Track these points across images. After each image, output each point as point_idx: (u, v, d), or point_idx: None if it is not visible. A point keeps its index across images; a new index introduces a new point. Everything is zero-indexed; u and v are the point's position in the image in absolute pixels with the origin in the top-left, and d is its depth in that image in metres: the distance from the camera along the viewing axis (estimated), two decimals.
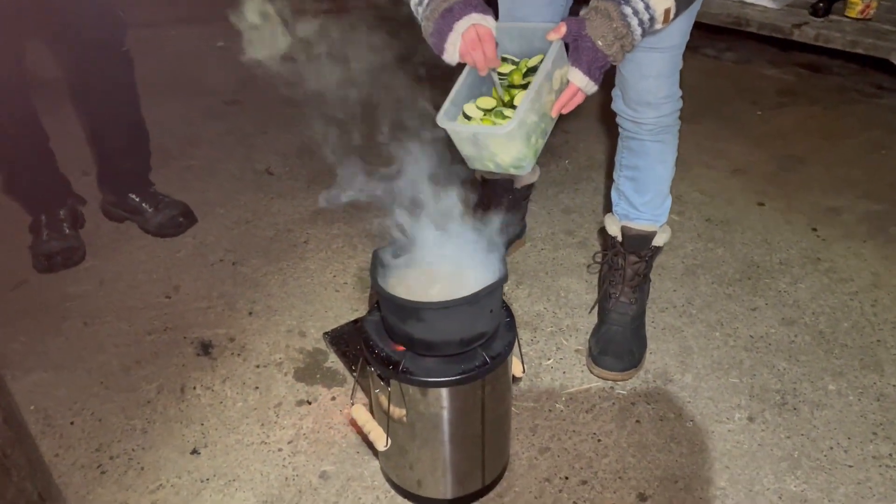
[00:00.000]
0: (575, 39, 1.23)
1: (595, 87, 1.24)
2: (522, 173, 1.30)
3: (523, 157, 1.26)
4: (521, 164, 1.27)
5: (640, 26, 1.20)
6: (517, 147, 1.23)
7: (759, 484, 1.45)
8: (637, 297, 1.73)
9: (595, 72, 1.22)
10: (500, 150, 1.25)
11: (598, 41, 1.20)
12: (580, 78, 1.23)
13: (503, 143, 1.21)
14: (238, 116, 2.85)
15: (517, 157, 1.26)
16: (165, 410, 1.65)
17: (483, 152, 1.28)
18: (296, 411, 1.63)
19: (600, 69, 1.23)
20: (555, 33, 1.24)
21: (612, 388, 1.67)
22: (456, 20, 1.26)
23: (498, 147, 1.24)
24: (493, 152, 1.27)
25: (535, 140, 1.26)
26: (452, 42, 1.27)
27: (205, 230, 2.23)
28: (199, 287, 2.00)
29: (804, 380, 1.67)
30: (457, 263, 1.34)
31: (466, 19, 1.25)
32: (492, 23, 1.28)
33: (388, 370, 1.25)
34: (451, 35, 1.27)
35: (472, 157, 1.33)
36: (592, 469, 1.49)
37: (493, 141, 1.23)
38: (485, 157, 1.30)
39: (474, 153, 1.30)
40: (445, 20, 1.26)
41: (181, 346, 1.82)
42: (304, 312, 1.91)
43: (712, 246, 2.08)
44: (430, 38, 1.30)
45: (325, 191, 1.61)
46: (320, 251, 2.13)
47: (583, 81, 1.23)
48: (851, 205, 2.22)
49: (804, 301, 1.89)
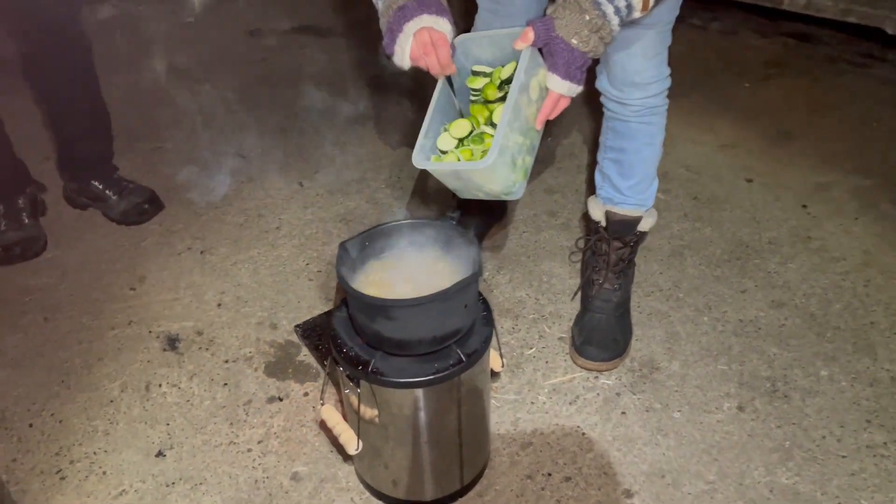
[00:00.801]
0: (546, 43, 1.13)
1: (579, 88, 1.15)
2: (516, 198, 1.20)
3: (512, 183, 1.16)
4: (511, 189, 1.18)
5: (617, 14, 1.10)
6: (503, 175, 1.13)
7: (750, 477, 1.40)
8: (621, 284, 1.66)
9: (575, 73, 1.13)
10: (486, 180, 1.15)
11: (573, 39, 1.10)
12: (559, 84, 1.13)
13: (487, 174, 1.11)
14: (207, 96, 2.74)
15: (506, 185, 1.16)
16: (129, 410, 1.57)
17: (469, 184, 1.18)
18: (266, 409, 1.56)
19: (580, 69, 1.13)
20: (522, 41, 1.14)
21: (596, 377, 1.60)
22: (407, 20, 1.15)
23: (483, 178, 1.14)
24: (479, 184, 1.17)
25: (522, 161, 1.17)
26: (401, 44, 1.17)
27: (172, 217, 2.13)
28: (166, 278, 1.92)
29: (795, 365, 1.61)
30: (429, 255, 1.25)
31: (417, 20, 1.15)
32: (445, 26, 1.17)
33: (358, 370, 1.17)
34: (401, 36, 1.17)
35: (458, 189, 1.23)
36: (576, 465, 1.43)
37: (476, 174, 1.13)
38: (472, 188, 1.20)
39: (460, 186, 1.21)
40: (397, 19, 1.16)
41: (146, 340, 1.73)
42: (275, 303, 1.82)
43: (699, 225, 2.01)
44: (384, 39, 1.20)
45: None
46: (293, 238, 2.04)
47: (563, 87, 1.14)
48: (842, 180, 2.15)
49: (794, 282, 1.82)
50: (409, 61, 1.19)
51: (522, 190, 1.20)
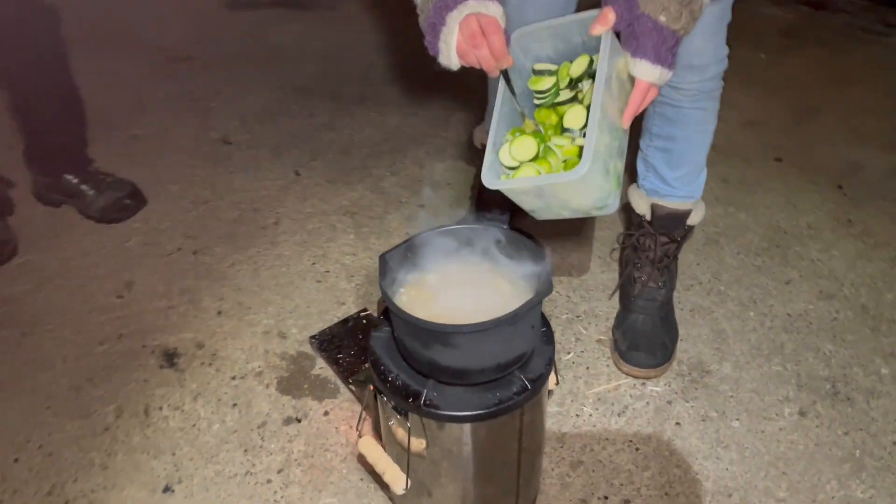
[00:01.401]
0: (629, 24, 0.96)
1: (670, 73, 0.99)
2: (609, 212, 1.03)
3: (607, 195, 0.99)
4: (606, 202, 1.00)
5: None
6: (597, 185, 0.95)
7: (823, 492, 1.29)
8: (665, 281, 1.52)
9: (666, 56, 0.97)
10: (575, 195, 0.98)
11: (660, 16, 0.94)
12: (648, 70, 0.97)
13: (579, 187, 0.93)
14: (188, 76, 2.52)
15: (598, 197, 0.99)
16: (128, 439, 1.39)
17: (552, 202, 1.01)
18: (284, 432, 1.40)
19: (671, 51, 0.97)
20: (600, 23, 0.97)
21: (643, 384, 1.47)
22: (449, 10, 0.98)
23: (571, 193, 0.97)
24: (566, 200, 1.00)
25: (613, 167, 1.00)
26: (446, 39, 1.00)
27: (157, 213, 1.94)
28: (156, 283, 1.73)
29: (854, 363, 1.50)
30: (483, 267, 1.10)
31: (461, 8, 0.98)
32: (496, 9, 1.00)
33: (408, 403, 1.02)
34: (444, 30, 0.99)
35: (538, 209, 1.05)
36: (634, 485, 1.30)
37: (563, 188, 0.95)
38: (555, 207, 1.03)
39: (540, 205, 1.03)
40: (437, 11, 0.99)
41: (141, 356, 1.55)
42: (281, 309, 1.65)
43: (733, 210, 1.88)
44: (426, 38, 1.03)
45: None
46: (294, 233, 1.86)
47: (653, 73, 0.98)
48: (874, 158, 2.04)
49: (840, 271, 1.71)
50: (456, 59, 1.02)
51: (617, 202, 1.03)
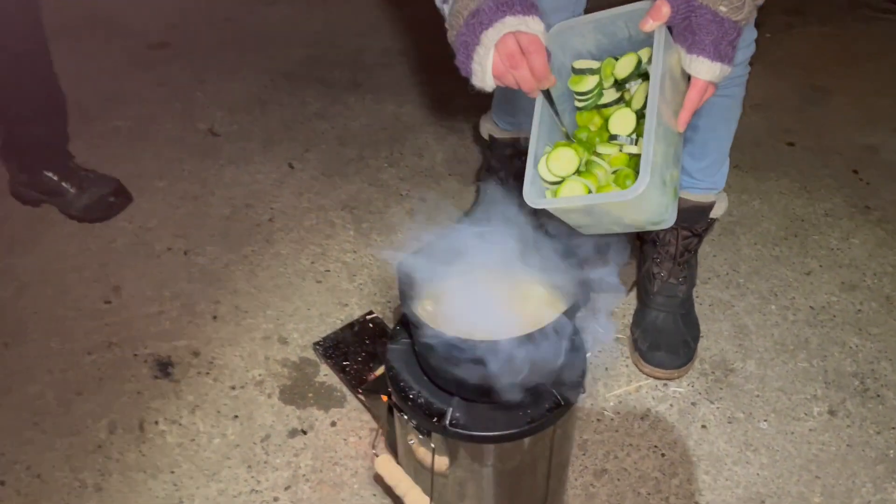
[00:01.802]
0: (685, 17, 0.87)
1: (729, 69, 0.90)
2: (666, 227, 0.95)
3: (665, 209, 0.91)
4: (663, 217, 0.92)
5: None
6: (654, 200, 0.87)
7: (858, 496, 1.23)
8: (686, 276, 1.45)
9: (727, 51, 0.88)
10: (629, 212, 0.90)
11: (721, 6, 0.85)
12: (708, 68, 0.88)
13: (633, 204, 0.85)
14: (169, 63, 2.40)
15: (656, 212, 0.90)
16: (123, 457, 1.31)
17: (603, 219, 0.93)
18: (289, 445, 1.32)
19: (732, 44, 0.88)
20: (653, 17, 0.88)
21: (665, 385, 1.41)
22: (484, 28, 0.88)
23: (624, 210, 0.89)
24: (618, 216, 0.91)
25: (670, 177, 0.92)
26: (480, 60, 0.90)
27: (144, 211, 1.83)
28: (146, 286, 1.63)
29: (882, 357, 1.45)
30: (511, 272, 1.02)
31: (498, 26, 0.88)
32: (537, 26, 0.90)
33: (432, 423, 0.94)
34: (479, 50, 0.90)
35: (585, 226, 0.97)
36: (662, 493, 1.24)
37: (616, 206, 0.87)
38: (605, 223, 0.95)
39: (589, 222, 0.95)
40: (471, 28, 0.89)
41: (132, 366, 1.46)
42: (281, 312, 1.56)
43: (746, 198, 1.81)
44: (456, 56, 0.93)
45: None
46: (290, 230, 1.77)
47: (713, 71, 0.89)
48: (889, 140, 1.98)
49: (861, 259, 1.65)
50: (492, 81, 0.92)
51: (675, 215, 0.95)
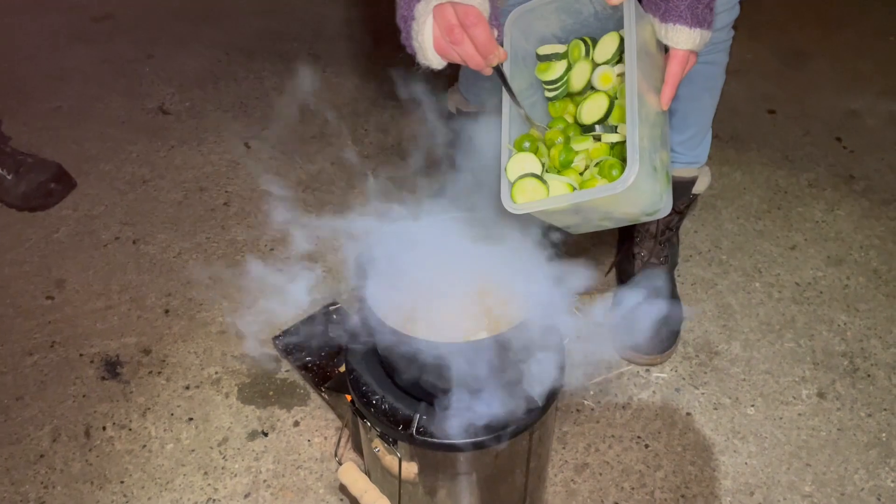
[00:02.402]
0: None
1: (710, 34, 0.82)
2: (662, 216, 0.86)
3: (658, 197, 0.82)
4: (657, 206, 0.83)
5: None
6: (647, 189, 0.79)
7: (851, 483, 1.17)
8: (668, 255, 1.37)
9: (704, 15, 0.80)
10: (620, 205, 0.81)
11: None
12: (686, 36, 0.80)
13: (623, 196, 0.76)
14: (113, 37, 2.25)
15: (650, 202, 0.82)
16: (68, 466, 1.21)
17: (592, 216, 0.84)
18: (249, 448, 1.23)
19: (708, 7, 0.80)
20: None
21: (647, 371, 1.34)
22: (416, 1, 0.80)
23: (615, 204, 0.80)
24: (609, 211, 0.83)
25: (660, 161, 0.83)
26: (417, 35, 0.81)
27: (88, 198, 1.71)
28: (92, 280, 1.52)
29: (871, 335, 1.39)
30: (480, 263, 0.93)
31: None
32: (486, 6, 0.80)
33: (398, 431, 0.85)
34: (414, 25, 0.81)
35: (575, 225, 0.88)
36: (646, 487, 1.17)
37: (605, 201, 0.78)
38: (595, 220, 0.86)
39: (578, 221, 0.86)
40: (407, 4, 0.80)
41: (77, 367, 1.35)
42: (238, 304, 1.46)
43: (727, 170, 1.74)
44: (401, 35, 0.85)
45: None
46: (247, 215, 1.66)
47: (692, 38, 0.80)
48: (871, 105, 1.91)
49: (847, 232, 1.58)
50: (437, 58, 0.83)
51: (670, 203, 0.86)
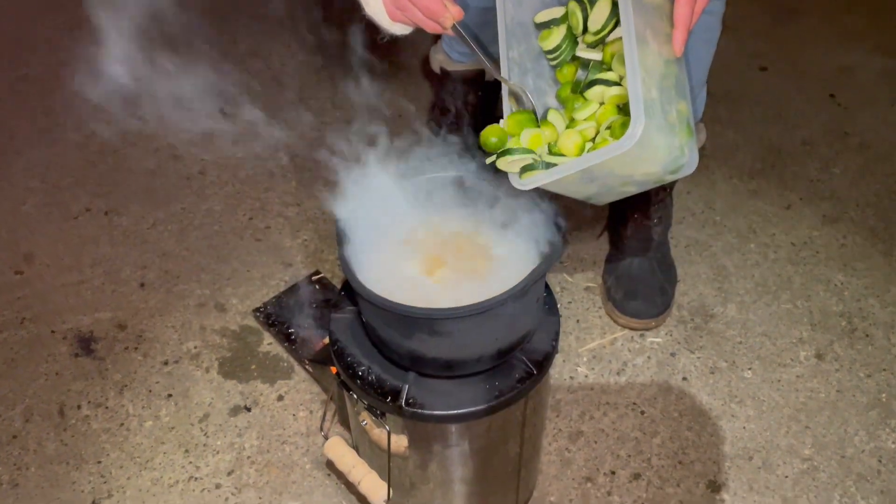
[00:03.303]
0: None
1: None
2: (689, 172, 0.81)
3: (679, 152, 0.75)
4: (680, 162, 0.77)
5: None
6: (660, 145, 0.72)
7: (851, 445, 1.15)
8: (661, 217, 1.33)
9: None
10: (636, 165, 0.75)
11: None
12: None
13: (635, 156, 0.69)
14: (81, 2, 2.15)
15: (670, 157, 0.75)
16: (42, 447, 1.16)
17: (609, 181, 0.78)
18: (231, 424, 1.18)
19: None
20: None
21: (642, 336, 1.30)
22: None
23: (630, 165, 0.74)
24: (627, 174, 0.77)
25: (676, 113, 0.76)
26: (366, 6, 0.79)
27: (56, 167, 1.63)
28: (63, 253, 1.45)
29: (868, 294, 1.35)
30: (468, 225, 0.88)
31: None
32: None
33: (385, 403, 0.81)
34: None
35: (596, 195, 0.83)
36: (643, 454, 1.14)
37: (617, 163, 0.71)
38: (616, 187, 0.80)
39: (595, 190, 0.80)
40: None
41: (49, 344, 1.30)
42: (217, 276, 1.40)
43: (720, 129, 1.69)
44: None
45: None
46: (224, 184, 1.59)
47: None
48: (864, 61, 1.87)
49: (843, 190, 1.55)
50: (396, 26, 0.80)
51: (696, 157, 0.80)
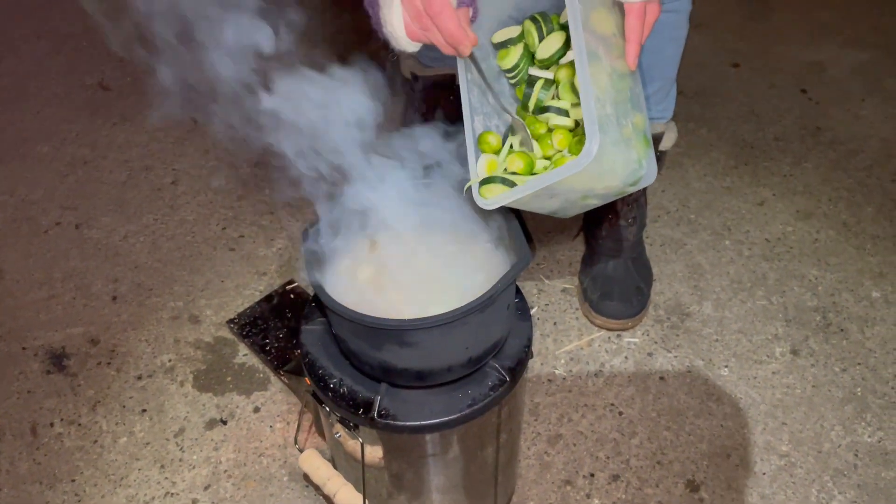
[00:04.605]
0: None
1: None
2: (648, 183, 0.82)
3: (637, 165, 0.77)
4: (639, 174, 0.79)
5: None
6: (617, 160, 0.74)
7: (828, 440, 1.15)
8: (636, 216, 1.33)
9: None
10: (594, 181, 0.76)
11: None
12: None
13: (594, 171, 0.71)
14: (50, 11, 2.12)
15: (629, 171, 0.77)
16: (14, 467, 1.14)
17: (571, 196, 0.79)
18: (207, 438, 1.17)
19: None
20: None
21: (619, 336, 1.30)
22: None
23: (589, 180, 0.75)
24: (588, 189, 0.78)
25: (630, 125, 0.78)
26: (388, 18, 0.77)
27: (26, 181, 1.61)
28: (32, 267, 1.43)
29: (842, 289, 1.36)
30: (435, 232, 0.87)
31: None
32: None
33: (358, 415, 0.80)
34: (382, 12, 0.77)
35: (561, 209, 0.84)
36: (622, 456, 1.14)
37: (576, 180, 0.72)
38: (577, 201, 0.82)
39: (558, 204, 0.82)
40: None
41: (20, 361, 1.28)
42: (190, 287, 1.39)
43: (693, 126, 1.69)
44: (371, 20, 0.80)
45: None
46: (197, 194, 1.58)
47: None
48: (836, 56, 1.88)
49: (815, 185, 1.56)
50: (409, 42, 0.78)
51: (655, 168, 0.81)
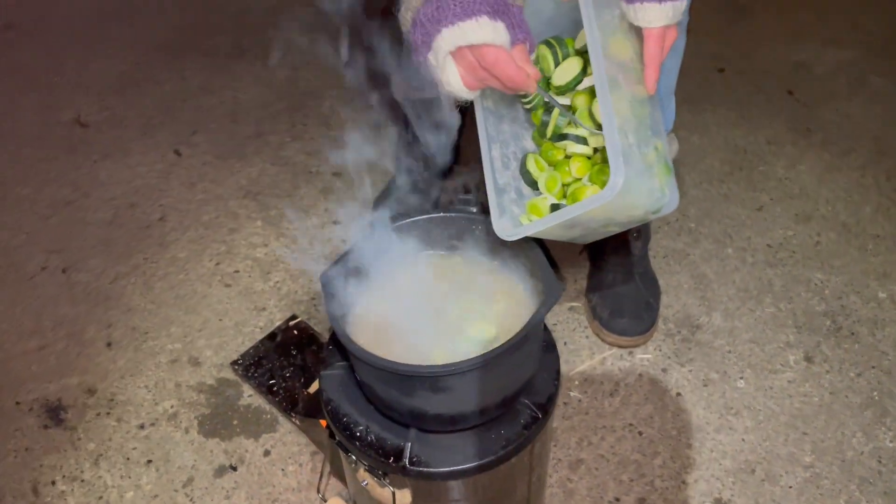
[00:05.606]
0: None
1: (684, 3, 0.75)
2: (670, 210, 0.82)
3: (660, 193, 0.77)
4: (661, 202, 0.79)
5: None
6: (641, 190, 0.74)
7: (850, 448, 1.14)
8: (641, 230, 1.31)
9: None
10: (616, 211, 0.76)
11: None
12: (657, 12, 0.74)
13: (617, 203, 0.71)
14: (19, 47, 2.07)
15: (649, 201, 0.77)
16: None
17: (592, 225, 0.79)
18: (218, 486, 1.13)
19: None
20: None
21: (630, 353, 1.28)
22: (438, 28, 0.68)
23: (611, 211, 0.75)
24: (609, 218, 0.78)
25: (653, 152, 0.77)
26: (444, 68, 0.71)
27: (8, 226, 1.56)
28: (21, 317, 1.38)
29: (849, 291, 1.36)
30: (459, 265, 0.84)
31: (450, 33, 0.68)
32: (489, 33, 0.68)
33: (388, 464, 0.76)
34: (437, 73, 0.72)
35: (581, 237, 0.84)
36: (645, 477, 1.12)
37: (601, 210, 0.72)
38: (598, 230, 0.82)
39: (580, 233, 0.82)
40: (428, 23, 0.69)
41: (15, 417, 1.22)
42: (188, 328, 1.35)
43: (685, 134, 1.69)
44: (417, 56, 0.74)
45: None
46: (186, 229, 1.53)
47: (664, 13, 0.74)
48: (819, 55, 1.89)
49: (811, 187, 1.55)
50: (469, 93, 0.73)
51: (677, 194, 0.81)
